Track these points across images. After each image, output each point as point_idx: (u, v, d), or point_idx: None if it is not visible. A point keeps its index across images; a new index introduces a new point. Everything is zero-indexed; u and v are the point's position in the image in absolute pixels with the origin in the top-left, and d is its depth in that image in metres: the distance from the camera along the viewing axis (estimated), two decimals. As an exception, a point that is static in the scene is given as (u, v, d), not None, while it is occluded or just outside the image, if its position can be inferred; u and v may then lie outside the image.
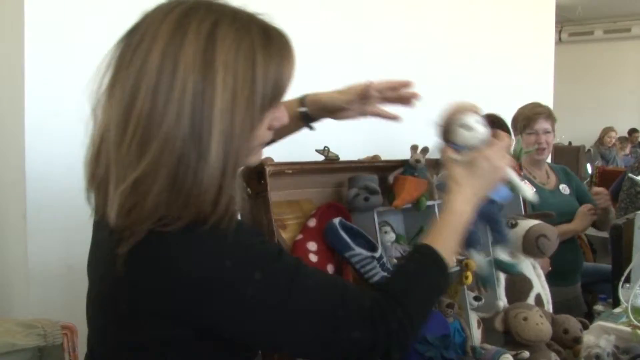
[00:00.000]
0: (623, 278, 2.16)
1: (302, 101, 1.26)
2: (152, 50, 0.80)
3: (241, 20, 0.85)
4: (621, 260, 2.42)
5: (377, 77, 1.26)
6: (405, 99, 1.27)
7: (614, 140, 9.10)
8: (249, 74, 0.82)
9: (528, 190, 1.48)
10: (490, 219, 1.47)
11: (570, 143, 8.33)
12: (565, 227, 2.52)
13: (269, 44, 0.85)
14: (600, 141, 9.11)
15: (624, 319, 2.06)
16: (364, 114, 1.28)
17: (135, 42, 0.82)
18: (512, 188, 1.37)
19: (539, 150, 2.68)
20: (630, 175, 2.51)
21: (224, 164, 0.81)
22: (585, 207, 2.66)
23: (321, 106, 1.26)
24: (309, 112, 1.26)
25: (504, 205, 1.50)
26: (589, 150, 8.66)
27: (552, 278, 2.33)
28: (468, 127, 1.21)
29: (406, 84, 1.25)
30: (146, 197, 0.79)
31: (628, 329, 1.99)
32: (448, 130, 1.25)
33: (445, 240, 1.03)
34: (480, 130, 1.21)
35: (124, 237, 0.80)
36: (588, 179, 6.24)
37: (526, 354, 1.55)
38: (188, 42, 0.79)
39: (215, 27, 0.81)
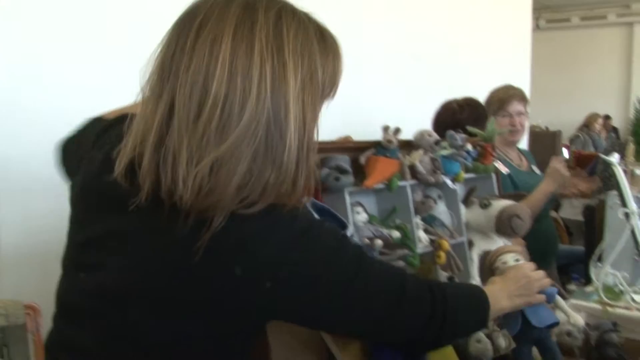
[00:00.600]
0: (595, 257, 2.19)
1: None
2: (222, 35, 0.81)
3: (300, 14, 0.88)
4: (594, 240, 2.46)
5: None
6: None
7: (599, 126, 9.19)
8: (313, 64, 0.86)
9: (575, 316, 1.55)
10: (539, 342, 1.46)
11: (547, 128, 8.40)
12: (534, 195, 2.45)
13: (323, 40, 0.89)
14: (588, 127, 9.18)
15: (595, 297, 2.10)
16: None
17: (197, 25, 0.83)
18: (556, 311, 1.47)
19: (513, 132, 2.69)
20: (602, 156, 2.53)
21: (300, 147, 0.84)
22: (556, 160, 2.58)
23: None
24: None
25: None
26: (577, 135, 8.73)
27: (534, 260, 2.36)
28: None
29: None
30: (229, 177, 0.79)
31: (599, 306, 2.02)
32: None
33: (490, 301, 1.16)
34: None
35: (204, 219, 0.80)
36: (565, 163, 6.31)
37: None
38: (259, 27, 0.82)
39: (280, 16, 0.84)
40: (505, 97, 2.67)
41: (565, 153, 7.00)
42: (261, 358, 1.20)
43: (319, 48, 0.87)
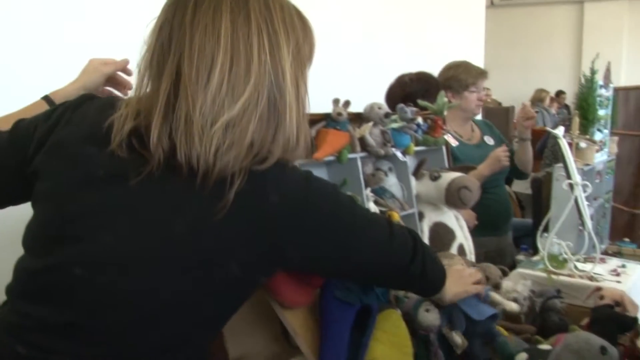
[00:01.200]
0: (541, 228, 2.25)
1: (48, 100, 1.25)
2: (220, 8, 0.89)
3: None
4: (541, 211, 2.52)
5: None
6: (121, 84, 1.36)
7: (548, 102, 9.35)
8: (299, 38, 0.95)
9: (510, 304, 1.56)
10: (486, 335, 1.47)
11: (500, 104, 8.52)
12: (477, 172, 2.53)
13: (301, 19, 0.98)
14: (535, 102, 9.32)
15: (540, 266, 2.16)
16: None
17: (192, 3, 0.90)
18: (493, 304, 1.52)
19: (478, 106, 2.77)
20: (549, 130, 2.59)
21: (297, 109, 0.94)
22: (499, 150, 2.64)
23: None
24: None
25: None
26: (537, 112, 8.87)
27: (484, 229, 2.42)
28: None
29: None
30: (242, 135, 0.87)
31: (544, 274, 2.09)
32: None
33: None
34: None
35: (224, 178, 0.87)
36: (517, 138, 6.45)
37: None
38: (251, 1, 0.91)
39: None
40: (477, 74, 2.72)
41: (518, 128, 7.15)
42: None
43: (300, 25, 0.97)
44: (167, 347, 0.93)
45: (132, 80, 1.24)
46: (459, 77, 2.72)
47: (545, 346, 1.38)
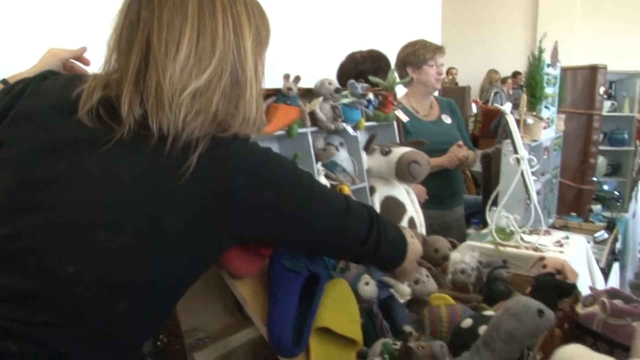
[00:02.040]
0: (490, 202, 2.32)
1: (5, 84, 1.24)
2: None
3: None
4: (490, 186, 2.59)
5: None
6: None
7: (499, 82, 9.50)
8: (258, 21, 1.02)
9: (401, 286, 1.60)
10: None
11: (457, 84, 8.64)
12: (435, 160, 2.62)
13: (257, 4, 1.04)
14: (491, 83, 9.47)
15: (489, 238, 2.23)
16: None
17: None
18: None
19: (438, 80, 2.82)
20: (498, 106, 2.66)
21: (256, 85, 1.00)
22: (457, 147, 2.77)
23: None
24: None
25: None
26: (497, 92, 9.00)
27: (435, 203, 2.49)
28: None
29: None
30: (209, 104, 0.94)
31: (491, 246, 2.16)
32: None
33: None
34: None
35: (190, 143, 0.91)
36: (473, 117, 6.58)
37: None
38: None
39: None
40: (434, 49, 2.78)
41: (474, 108, 7.29)
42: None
43: (258, 12, 1.03)
44: (126, 315, 0.95)
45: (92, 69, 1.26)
46: (417, 52, 2.77)
47: (489, 312, 1.43)
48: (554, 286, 1.62)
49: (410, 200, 2.06)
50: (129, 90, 0.93)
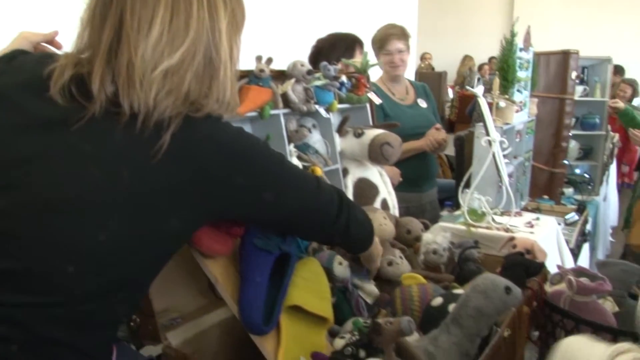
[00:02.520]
0: (463, 184, 2.35)
1: None
2: None
3: None
4: (463, 168, 2.62)
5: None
6: None
7: (475, 68, 9.55)
8: (234, 4, 1.01)
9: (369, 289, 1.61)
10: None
11: (433, 69, 8.68)
12: (412, 144, 2.66)
13: None
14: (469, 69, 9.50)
15: (461, 220, 2.26)
16: None
17: None
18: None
19: (394, 67, 2.81)
20: (469, 88, 2.69)
21: (230, 68, 1.00)
22: (435, 130, 2.79)
23: None
24: None
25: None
26: (479, 78, 9.03)
27: (410, 185, 2.51)
28: None
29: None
30: (180, 83, 0.94)
31: (464, 227, 2.19)
32: None
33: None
34: None
35: (162, 121, 0.91)
36: (450, 103, 6.62)
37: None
38: None
39: None
40: (384, 36, 2.78)
41: (450, 93, 7.33)
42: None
43: None
44: (102, 292, 0.95)
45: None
46: (375, 39, 2.80)
47: (459, 291, 1.46)
48: (522, 265, 1.65)
49: (383, 182, 2.07)
50: (100, 67, 0.92)
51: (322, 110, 1.83)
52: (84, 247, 0.91)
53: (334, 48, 2.49)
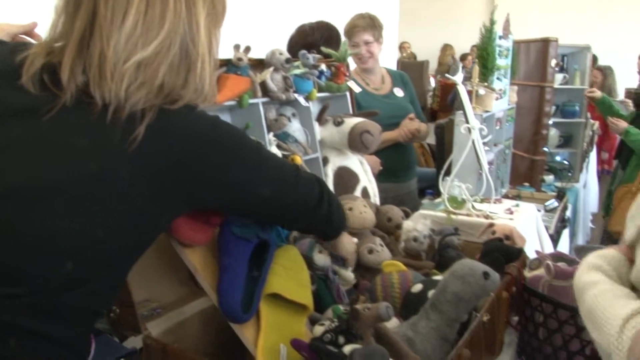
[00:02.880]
0: (443, 172, 2.36)
1: None
2: None
3: None
4: (443, 156, 2.64)
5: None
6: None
7: (457, 56, 9.57)
8: None
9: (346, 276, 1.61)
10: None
11: (415, 57, 8.67)
12: (387, 134, 2.64)
13: None
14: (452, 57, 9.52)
15: (442, 207, 2.28)
16: None
17: None
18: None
19: (362, 59, 2.81)
20: (448, 76, 2.70)
21: (209, 60, 0.99)
22: (407, 118, 2.80)
23: None
24: None
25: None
26: (463, 67, 9.02)
27: (388, 176, 2.51)
28: None
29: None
30: (154, 76, 0.92)
31: (444, 214, 2.20)
32: None
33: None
34: None
35: (135, 113, 0.90)
36: (432, 92, 6.63)
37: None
38: None
39: None
40: (350, 28, 2.79)
41: (432, 82, 7.34)
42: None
43: None
44: (77, 283, 0.94)
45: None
46: (344, 30, 2.80)
47: (439, 277, 1.47)
48: (501, 251, 1.67)
49: (364, 170, 2.08)
50: (71, 56, 0.91)
51: (301, 99, 1.83)
52: (56, 237, 0.90)
53: (330, 40, 2.46)
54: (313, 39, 2.42)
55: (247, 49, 1.63)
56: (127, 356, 1.27)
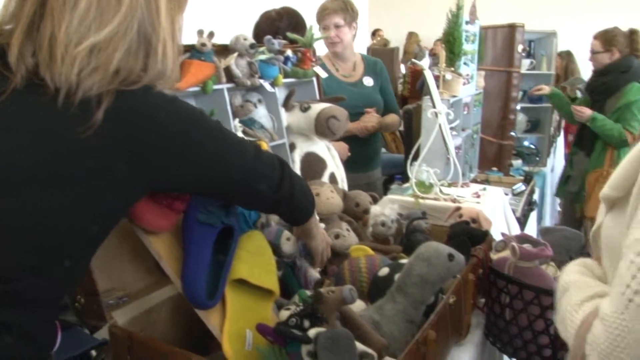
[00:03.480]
0: (411, 156, 2.38)
1: None
2: None
3: None
4: (411, 141, 2.65)
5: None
6: None
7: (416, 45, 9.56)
8: None
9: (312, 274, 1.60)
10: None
11: (386, 44, 8.68)
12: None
13: None
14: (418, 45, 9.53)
15: (410, 192, 2.29)
16: None
17: None
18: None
19: (332, 43, 2.79)
20: (414, 61, 2.71)
21: (172, 43, 0.97)
22: (370, 114, 2.77)
23: None
24: None
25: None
26: (432, 54, 9.02)
27: (353, 166, 2.51)
28: None
29: None
30: (108, 61, 0.89)
31: (412, 199, 2.22)
32: None
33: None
34: None
35: (90, 98, 0.87)
36: (402, 78, 6.67)
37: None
38: None
39: None
40: (320, 11, 2.77)
41: (403, 69, 7.37)
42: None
43: None
44: (34, 270, 0.92)
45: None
46: (316, 13, 2.77)
47: (405, 260, 1.48)
48: (467, 233, 1.68)
49: (331, 155, 2.08)
50: (20, 38, 0.88)
51: (267, 85, 1.81)
52: (8, 222, 0.89)
53: (297, 25, 2.43)
54: (280, 24, 2.39)
55: (211, 35, 1.61)
56: (96, 347, 1.26)
